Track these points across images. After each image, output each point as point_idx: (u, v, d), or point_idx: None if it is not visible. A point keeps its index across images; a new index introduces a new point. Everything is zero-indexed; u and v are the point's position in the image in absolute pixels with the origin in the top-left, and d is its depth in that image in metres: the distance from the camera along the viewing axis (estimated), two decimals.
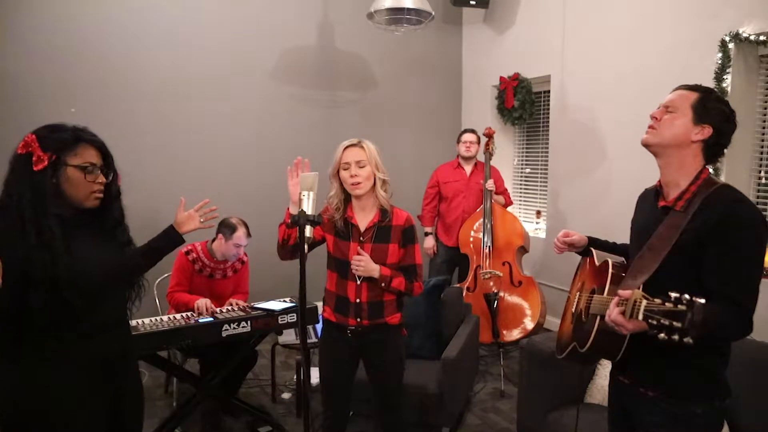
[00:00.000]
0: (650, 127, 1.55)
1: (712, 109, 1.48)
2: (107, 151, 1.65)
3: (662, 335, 1.20)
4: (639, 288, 1.42)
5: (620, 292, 1.37)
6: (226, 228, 3.10)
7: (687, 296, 1.18)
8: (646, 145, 1.56)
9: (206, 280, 3.17)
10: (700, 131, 1.48)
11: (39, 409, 1.53)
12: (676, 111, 1.50)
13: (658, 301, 1.22)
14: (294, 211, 2.03)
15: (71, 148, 1.54)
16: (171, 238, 2.00)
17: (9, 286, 1.27)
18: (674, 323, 1.18)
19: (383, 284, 2.15)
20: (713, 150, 1.52)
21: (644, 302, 1.25)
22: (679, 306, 1.18)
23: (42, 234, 1.46)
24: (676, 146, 1.50)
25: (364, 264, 2.11)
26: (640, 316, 1.25)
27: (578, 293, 1.81)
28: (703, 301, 1.17)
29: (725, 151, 1.56)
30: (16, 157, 1.52)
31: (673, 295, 1.20)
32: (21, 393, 1.52)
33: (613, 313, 1.35)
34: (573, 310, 1.81)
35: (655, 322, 1.21)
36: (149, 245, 1.95)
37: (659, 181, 1.60)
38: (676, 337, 1.18)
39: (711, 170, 1.55)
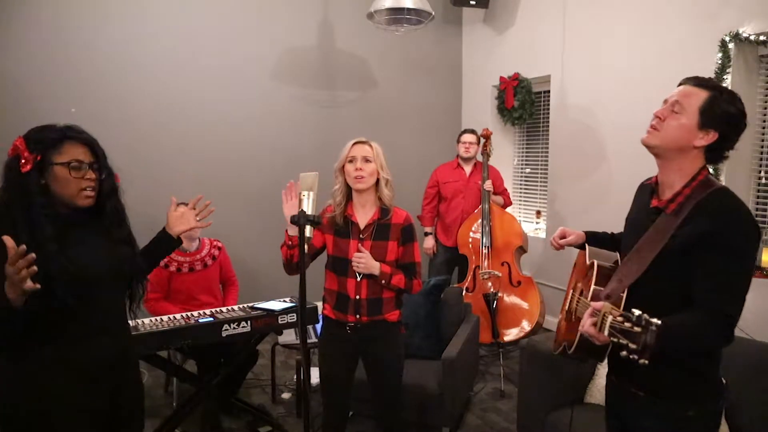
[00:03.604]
0: (652, 126, 1.45)
1: (720, 114, 1.37)
2: (98, 148, 1.59)
3: (623, 353, 1.19)
4: (624, 292, 1.42)
5: (593, 303, 1.36)
6: None
7: (646, 317, 1.17)
8: (646, 145, 1.47)
9: (188, 276, 3.20)
10: (705, 137, 1.39)
11: (38, 410, 1.51)
12: (683, 112, 1.40)
13: (620, 318, 1.20)
14: (292, 232, 2.05)
15: (56, 147, 1.51)
16: (163, 242, 1.90)
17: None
18: (630, 344, 1.17)
19: (384, 281, 2.16)
20: (716, 154, 1.43)
21: (609, 318, 1.23)
22: (635, 328, 1.17)
23: (34, 235, 1.44)
24: (677, 150, 1.42)
25: (365, 261, 2.13)
26: (606, 332, 1.23)
27: (572, 290, 1.80)
28: (658, 322, 1.15)
29: (729, 153, 1.47)
30: (7, 162, 1.51)
31: (636, 313, 1.18)
32: (21, 394, 1.51)
33: (586, 324, 1.35)
34: (567, 308, 1.81)
35: (616, 340, 1.20)
36: (147, 248, 1.88)
37: (656, 177, 1.54)
38: (635, 356, 1.17)
39: (711, 170, 1.51)
